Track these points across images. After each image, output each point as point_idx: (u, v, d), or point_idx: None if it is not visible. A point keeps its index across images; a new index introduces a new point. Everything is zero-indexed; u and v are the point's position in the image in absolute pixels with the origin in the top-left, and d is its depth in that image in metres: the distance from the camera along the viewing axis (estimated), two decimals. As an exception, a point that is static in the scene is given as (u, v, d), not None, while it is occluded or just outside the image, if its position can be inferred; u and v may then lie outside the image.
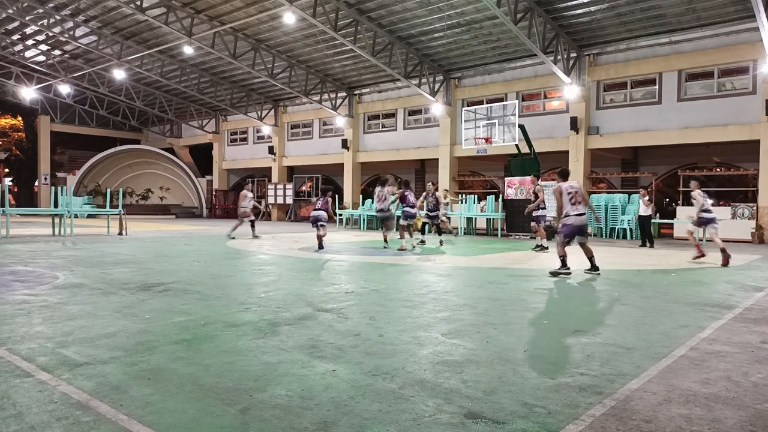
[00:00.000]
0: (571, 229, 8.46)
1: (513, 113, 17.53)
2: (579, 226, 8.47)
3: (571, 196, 8.44)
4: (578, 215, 8.42)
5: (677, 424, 2.81)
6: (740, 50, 16.80)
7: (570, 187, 8.52)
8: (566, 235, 8.50)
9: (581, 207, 8.47)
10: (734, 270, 9.53)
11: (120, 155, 37.59)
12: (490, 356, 3.98)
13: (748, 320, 5.34)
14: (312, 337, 4.43)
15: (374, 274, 8.75)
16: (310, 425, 2.74)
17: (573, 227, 8.44)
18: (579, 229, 8.52)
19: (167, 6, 20.30)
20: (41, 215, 26.85)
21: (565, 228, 8.50)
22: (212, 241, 14.71)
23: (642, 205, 14.37)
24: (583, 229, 8.59)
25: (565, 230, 8.50)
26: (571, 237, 8.53)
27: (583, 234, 8.65)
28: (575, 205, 8.42)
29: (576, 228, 8.47)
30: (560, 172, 8.97)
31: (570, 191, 8.47)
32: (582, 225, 8.51)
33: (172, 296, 6.21)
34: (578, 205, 8.44)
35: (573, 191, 8.48)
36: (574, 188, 8.53)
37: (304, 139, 30.66)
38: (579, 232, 8.55)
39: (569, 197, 8.44)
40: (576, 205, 8.42)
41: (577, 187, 8.60)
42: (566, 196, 8.46)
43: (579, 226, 8.48)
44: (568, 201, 8.44)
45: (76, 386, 3.23)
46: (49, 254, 10.67)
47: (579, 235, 8.59)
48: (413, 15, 18.74)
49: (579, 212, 8.43)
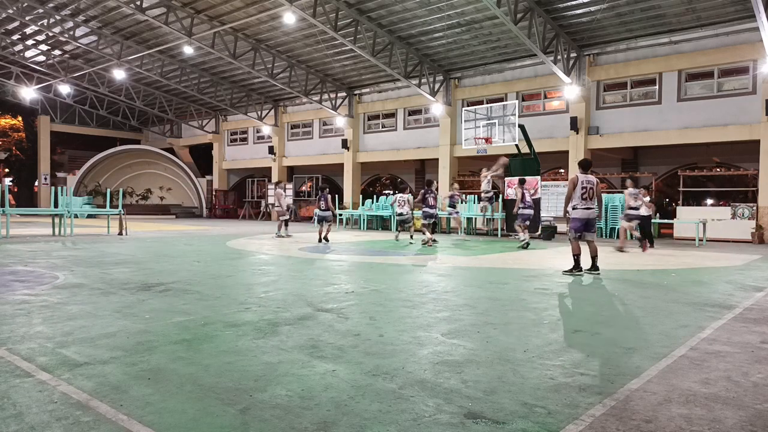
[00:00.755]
0: (579, 223, 8.40)
1: (513, 113, 17.51)
2: (586, 219, 8.38)
3: (585, 191, 8.33)
4: (586, 209, 8.33)
5: (677, 424, 2.81)
6: (740, 50, 16.80)
7: (586, 182, 8.37)
8: (576, 230, 8.45)
9: (591, 202, 8.37)
10: (734, 270, 9.53)
11: (120, 155, 37.60)
12: (490, 356, 3.98)
13: (748, 320, 5.34)
14: (312, 337, 4.43)
15: (374, 274, 8.75)
16: (310, 425, 2.74)
17: (580, 221, 8.37)
18: (587, 224, 8.42)
19: (167, 6, 20.30)
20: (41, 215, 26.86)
21: (574, 222, 8.46)
22: (212, 241, 14.71)
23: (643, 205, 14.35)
24: (591, 224, 8.47)
25: (574, 224, 8.46)
26: (580, 231, 8.45)
27: (591, 230, 8.52)
28: (585, 200, 8.33)
29: (583, 222, 8.39)
30: (580, 162, 8.80)
31: (585, 185, 8.35)
32: (589, 219, 8.40)
33: (172, 296, 6.21)
34: (589, 200, 8.34)
35: (588, 186, 8.35)
36: (590, 183, 8.38)
37: (304, 139, 30.66)
38: (587, 226, 8.45)
39: (582, 191, 8.34)
40: (586, 200, 8.33)
41: (593, 182, 8.44)
42: (579, 189, 8.36)
43: (586, 220, 8.38)
44: (580, 195, 8.36)
45: (76, 386, 3.23)
46: (49, 254, 10.67)
47: (587, 230, 8.48)
48: (413, 15, 18.74)
49: (586, 206, 8.33)
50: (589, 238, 8.57)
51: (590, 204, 8.39)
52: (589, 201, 8.38)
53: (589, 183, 8.40)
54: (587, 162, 8.77)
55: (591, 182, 8.41)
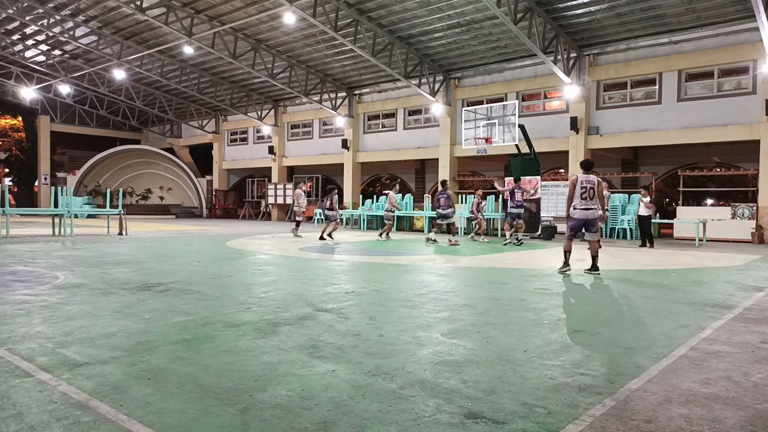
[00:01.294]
0: (576, 223, 8.40)
1: (513, 113, 17.51)
2: (584, 219, 8.35)
3: (584, 190, 8.31)
4: (585, 209, 8.30)
5: (677, 424, 2.81)
6: (740, 50, 16.81)
7: (586, 182, 8.34)
8: (571, 229, 8.48)
9: (591, 202, 8.32)
10: (734, 270, 9.53)
11: (120, 155, 37.60)
12: (490, 356, 3.98)
13: (748, 320, 5.34)
14: (312, 337, 4.43)
15: (374, 274, 8.75)
16: (310, 425, 2.74)
17: (578, 221, 8.37)
18: (585, 224, 8.39)
19: (167, 6, 20.31)
20: (41, 215, 26.86)
21: (571, 221, 8.48)
22: (212, 241, 14.70)
23: (642, 205, 14.37)
24: (590, 224, 8.42)
25: (571, 223, 8.48)
26: (575, 231, 8.46)
27: (591, 230, 8.47)
28: (585, 200, 8.30)
29: (581, 222, 8.37)
30: (582, 163, 8.81)
31: (585, 185, 8.32)
32: (587, 219, 8.36)
33: (172, 296, 6.21)
34: (589, 200, 8.30)
35: (588, 186, 8.32)
36: (590, 183, 8.34)
37: (304, 139, 30.65)
38: (585, 226, 8.42)
39: (582, 191, 8.33)
40: (586, 200, 8.30)
41: (593, 182, 8.38)
42: (579, 189, 8.35)
43: (584, 220, 8.36)
44: (579, 195, 8.35)
45: (76, 386, 3.22)
46: (49, 254, 10.67)
47: (586, 230, 8.45)
48: (413, 15, 18.74)
49: (585, 206, 8.30)
50: (589, 238, 8.55)
51: (590, 204, 8.34)
52: (589, 201, 8.33)
53: (589, 183, 8.36)
54: (588, 162, 8.76)
55: (591, 182, 8.37)
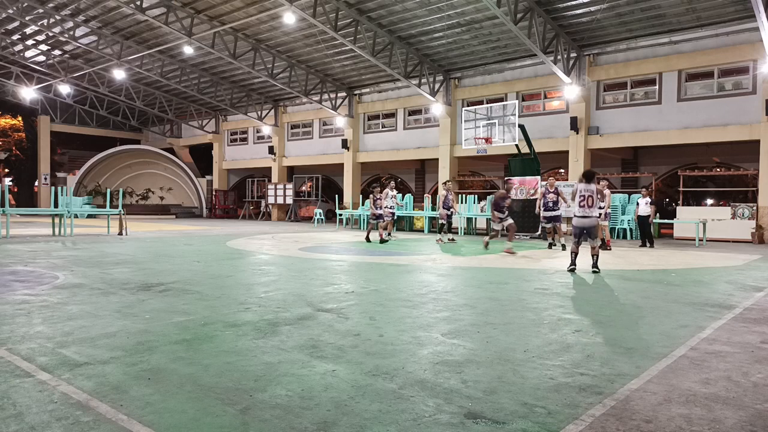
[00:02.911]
0: (577, 230, 8.92)
1: (513, 113, 17.50)
2: (581, 227, 8.84)
3: (582, 198, 8.76)
4: (581, 217, 8.77)
5: (677, 424, 2.81)
6: (740, 50, 16.80)
7: (585, 190, 8.77)
8: (574, 235, 9.01)
9: (589, 210, 8.73)
10: (734, 270, 9.53)
11: (120, 155, 37.60)
12: (490, 356, 3.98)
13: (748, 320, 5.34)
14: (312, 337, 4.43)
15: (374, 274, 8.75)
16: (310, 425, 2.74)
17: (579, 228, 8.87)
18: (583, 231, 8.87)
19: (167, 6, 20.30)
20: (41, 215, 26.87)
21: (573, 228, 9.08)
22: (212, 241, 14.70)
23: (642, 205, 14.38)
24: (591, 231, 8.87)
25: (573, 230, 9.08)
26: (578, 237, 8.94)
27: (592, 237, 8.93)
28: (583, 208, 8.75)
29: (581, 229, 8.86)
30: (583, 173, 9.21)
31: (583, 194, 8.76)
32: (584, 227, 8.82)
33: (172, 296, 6.21)
34: (587, 208, 8.72)
35: (586, 194, 8.74)
36: (589, 191, 8.76)
37: (304, 139, 30.65)
38: (588, 233, 8.88)
39: (580, 199, 8.78)
40: (584, 207, 8.73)
41: (592, 190, 8.78)
42: (578, 198, 8.82)
43: (581, 228, 8.84)
44: (578, 203, 8.82)
45: (76, 386, 3.23)
46: (49, 254, 10.67)
47: (587, 236, 8.91)
48: (413, 15, 18.74)
49: (583, 214, 8.75)
50: (591, 244, 9.03)
51: (587, 212, 8.74)
52: (587, 209, 8.73)
53: (588, 191, 8.75)
54: (590, 173, 9.14)
55: (589, 191, 8.76)
